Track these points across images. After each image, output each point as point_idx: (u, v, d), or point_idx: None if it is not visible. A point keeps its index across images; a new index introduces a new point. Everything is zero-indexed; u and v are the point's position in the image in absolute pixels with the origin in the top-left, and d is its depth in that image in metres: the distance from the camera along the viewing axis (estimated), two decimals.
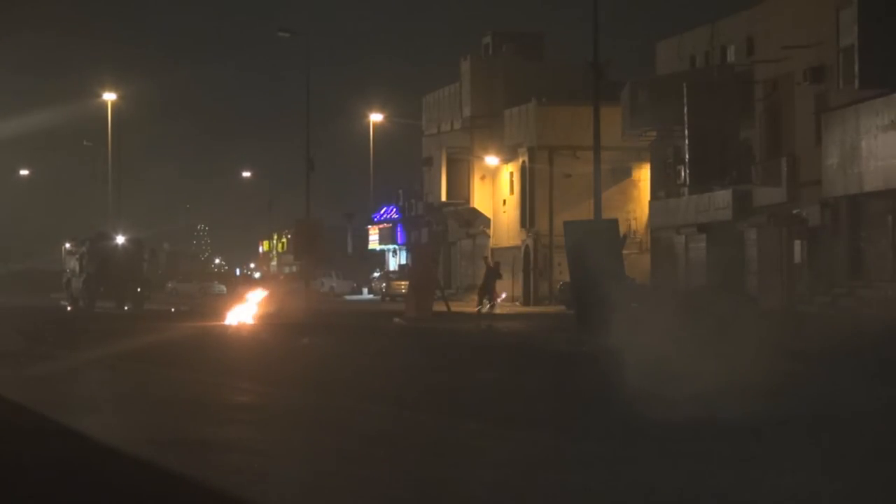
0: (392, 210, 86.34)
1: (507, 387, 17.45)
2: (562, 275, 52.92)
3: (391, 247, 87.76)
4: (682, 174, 46.78)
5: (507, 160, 65.59)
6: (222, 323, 37.44)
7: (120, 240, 58.24)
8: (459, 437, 12.80)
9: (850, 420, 13.27)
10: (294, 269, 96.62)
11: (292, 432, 13.32)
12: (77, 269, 58.01)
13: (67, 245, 61.89)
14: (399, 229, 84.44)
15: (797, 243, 41.66)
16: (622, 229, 45.57)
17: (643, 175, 57.98)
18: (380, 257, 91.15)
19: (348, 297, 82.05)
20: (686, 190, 48.11)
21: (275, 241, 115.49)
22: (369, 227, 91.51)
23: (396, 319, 39.97)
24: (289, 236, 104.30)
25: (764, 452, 11.20)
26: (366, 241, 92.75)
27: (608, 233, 31.10)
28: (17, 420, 14.64)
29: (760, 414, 13.31)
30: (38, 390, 17.76)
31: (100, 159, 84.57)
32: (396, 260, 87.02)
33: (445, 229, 74.17)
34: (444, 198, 69.90)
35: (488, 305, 41.95)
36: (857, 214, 37.77)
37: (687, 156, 44.97)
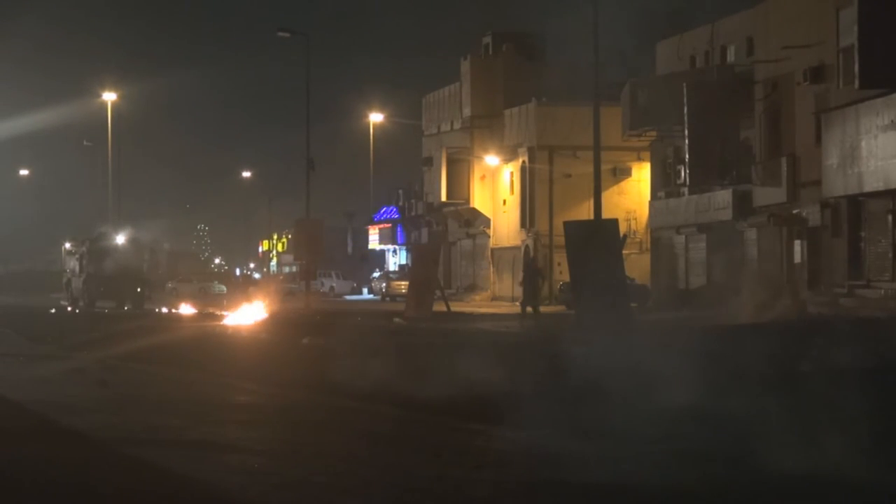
0: (392, 211, 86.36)
1: (508, 386, 17.43)
2: (562, 275, 52.94)
3: (391, 247, 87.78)
4: (682, 174, 46.78)
5: (507, 160, 65.60)
6: (222, 323, 37.47)
7: (120, 240, 58.26)
8: (460, 438, 12.80)
9: None
10: (294, 269, 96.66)
11: (292, 432, 13.32)
12: (77, 269, 58.03)
13: (67, 245, 61.93)
14: (399, 229, 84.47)
15: (797, 243, 41.65)
16: (622, 229, 45.58)
17: (643, 175, 57.99)
18: (380, 257, 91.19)
19: (348, 297, 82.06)
20: (686, 190, 48.11)
21: (274, 241, 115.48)
22: (369, 227, 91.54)
23: (396, 319, 39.98)
24: (289, 236, 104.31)
25: None
26: (366, 241, 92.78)
27: (608, 233, 31.10)
28: (17, 420, 14.65)
29: None
30: (38, 390, 17.76)
31: (100, 159, 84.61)
32: (396, 260, 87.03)
33: (445, 229, 74.19)
34: (444, 198, 69.91)
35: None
36: (857, 214, 37.75)
37: (687, 156, 44.97)
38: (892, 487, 9.99)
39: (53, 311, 51.82)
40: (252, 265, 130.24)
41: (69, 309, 55.36)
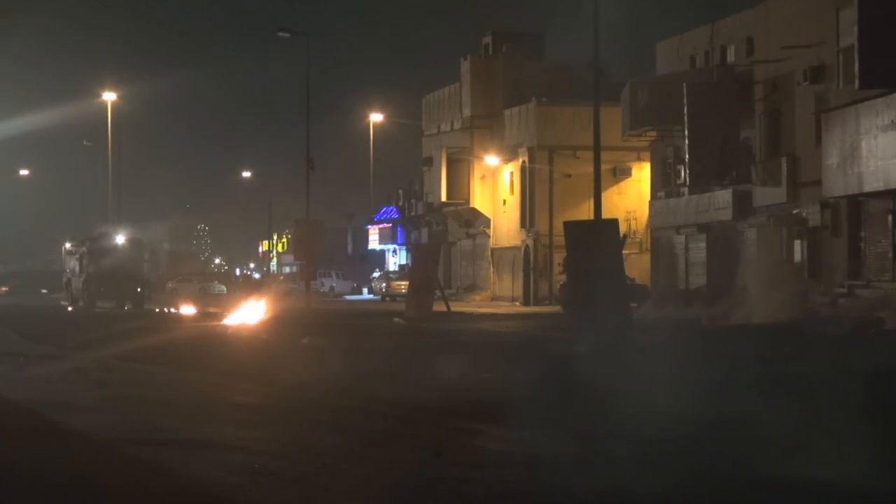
0: (392, 211, 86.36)
1: (508, 387, 17.43)
2: (562, 275, 52.93)
3: (391, 247, 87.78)
4: (682, 174, 46.77)
5: (507, 160, 65.59)
6: (222, 323, 37.48)
7: (120, 240, 58.26)
8: (460, 438, 12.79)
9: None
10: (294, 269, 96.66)
11: (292, 432, 13.32)
12: (77, 269, 58.02)
13: (67, 245, 61.92)
14: (399, 229, 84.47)
15: (797, 243, 41.64)
16: (622, 229, 45.56)
17: (643, 175, 58.00)
18: (380, 257, 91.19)
19: (348, 297, 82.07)
20: (686, 190, 48.10)
21: (274, 241, 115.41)
22: (369, 227, 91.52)
23: (396, 319, 39.99)
24: (289, 236, 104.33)
25: None
26: (366, 241, 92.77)
27: (608, 233, 31.07)
28: (17, 419, 14.65)
29: None
30: (38, 390, 17.76)
31: (100, 159, 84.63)
32: (396, 260, 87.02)
33: (445, 229, 74.18)
34: (444, 198, 69.91)
35: None
36: (857, 214, 37.74)
37: (687, 156, 44.95)
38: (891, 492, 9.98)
39: (53, 311, 51.80)
40: (252, 265, 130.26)
41: (69, 309, 55.34)
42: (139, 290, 55.92)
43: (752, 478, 10.22)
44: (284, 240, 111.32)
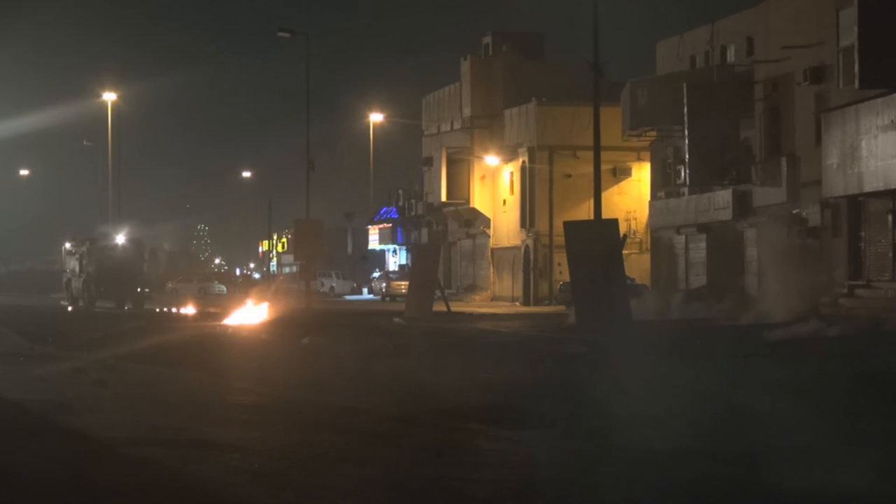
0: (392, 211, 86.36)
1: (508, 386, 17.42)
2: (562, 275, 52.95)
3: (391, 247, 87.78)
4: (682, 174, 46.79)
5: (507, 160, 65.60)
6: (222, 323, 37.47)
7: (120, 240, 58.25)
8: (460, 438, 12.78)
9: None
10: (294, 269, 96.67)
11: (292, 432, 13.31)
12: (77, 269, 58.01)
13: (67, 245, 61.91)
14: (399, 230, 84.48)
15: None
16: (622, 229, 45.54)
17: (643, 175, 58.01)
18: (380, 257, 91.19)
19: (348, 297, 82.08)
20: (686, 190, 48.12)
21: (274, 241, 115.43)
22: (369, 227, 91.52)
23: (396, 319, 40.01)
24: (289, 236, 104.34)
25: None
26: (366, 241, 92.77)
27: (608, 233, 31.06)
28: (16, 419, 14.64)
29: None
30: (38, 390, 17.75)
31: (100, 159, 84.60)
32: (396, 260, 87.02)
33: (445, 229, 74.19)
34: (444, 198, 69.90)
35: None
36: (857, 214, 37.75)
37: (687, 156, 44.97)
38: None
39: (53, 311, 51.78)
40: (252, 265, 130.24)
41: (69, 309, 55.32)
42: (139, 290, 55.92)
43: (753, 479, 10.21)
44: (284, 240, 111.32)
